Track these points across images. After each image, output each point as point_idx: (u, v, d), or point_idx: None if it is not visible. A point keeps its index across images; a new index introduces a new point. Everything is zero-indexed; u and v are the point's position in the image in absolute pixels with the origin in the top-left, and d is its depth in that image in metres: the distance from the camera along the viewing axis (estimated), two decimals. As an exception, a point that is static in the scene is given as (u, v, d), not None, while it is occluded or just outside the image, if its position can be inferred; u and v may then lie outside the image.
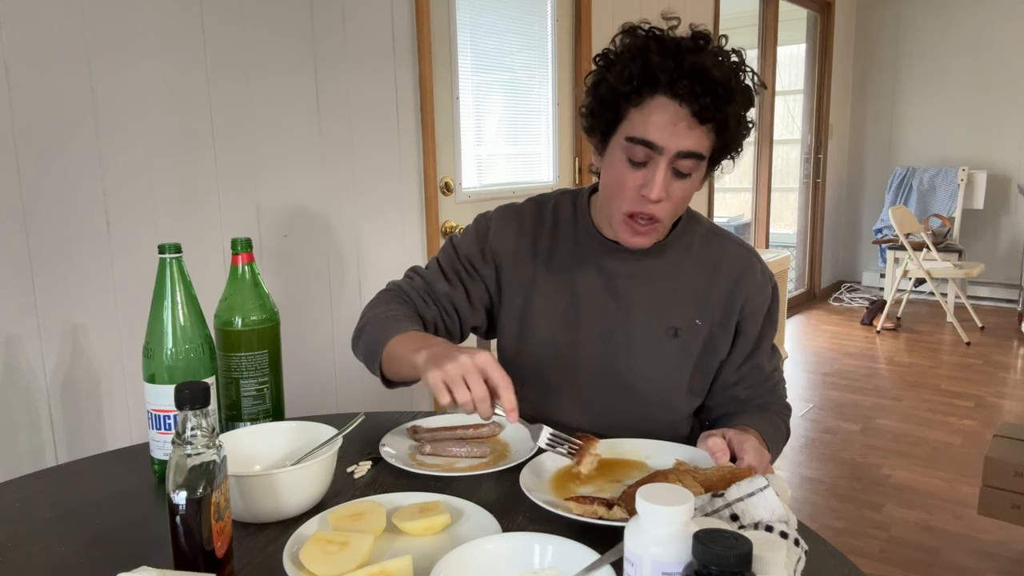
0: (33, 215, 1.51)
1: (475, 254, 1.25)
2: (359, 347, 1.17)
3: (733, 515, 0.74)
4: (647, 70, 1.03)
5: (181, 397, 0.72)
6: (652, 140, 1.04)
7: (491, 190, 2.71)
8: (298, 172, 2.01)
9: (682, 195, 1.09)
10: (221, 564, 0.75)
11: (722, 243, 1.23)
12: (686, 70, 1.01)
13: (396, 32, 2.22)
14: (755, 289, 1.20)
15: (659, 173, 1.05)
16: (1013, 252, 5.52)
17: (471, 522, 0.86)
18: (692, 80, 1.01)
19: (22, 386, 1.52)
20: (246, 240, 1.11)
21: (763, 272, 1.22)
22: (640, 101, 1.05)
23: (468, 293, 1.24)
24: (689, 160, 1.06)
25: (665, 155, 1.05)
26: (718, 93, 1.02)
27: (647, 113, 1.05)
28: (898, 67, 5.86)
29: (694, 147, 1.05)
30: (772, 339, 1.25)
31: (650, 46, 1.04)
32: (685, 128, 1.03)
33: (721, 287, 1.19)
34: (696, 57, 1.02)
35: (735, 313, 1.19)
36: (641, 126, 1.05)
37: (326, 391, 2.14)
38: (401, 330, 1.08)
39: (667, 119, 1.03)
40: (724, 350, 1.21)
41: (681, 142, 1.04)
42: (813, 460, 3.03)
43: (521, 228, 1.25)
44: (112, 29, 1.60)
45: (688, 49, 1.03)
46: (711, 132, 1.06)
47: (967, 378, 4.01)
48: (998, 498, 2.21)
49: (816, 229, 5.76)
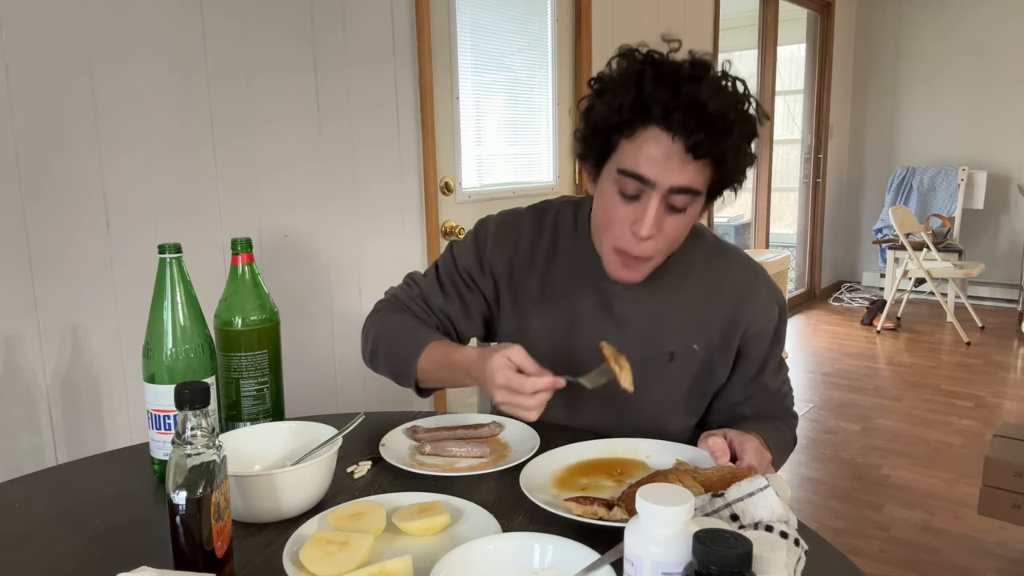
0: (33, 215, 1.51)
1: (473, 266, 1.22)
2: (380, 363, 1.21)
3: (733, 515, 0.74)
4: (639, 100, 0.97)
5: (181, 397, 0.72)
6: (643, 174, 0.99)
7: (491, 190, 2.71)
8: (298, 172, 2.01)
9: (676, 231, 1.04)
10: (221, 564, 0.75)
11: (725, 264, 1.18)
12: (680, 102, 0.94)
13: (396, 32, 2.22)
14: (759, 313, 1.15)
15: (650, 209, 1.00)
16: (1013, 252, 5.52)
17: (471, 522, 0.86)
18: (686, 113, 0.94)
19: (22, 386, 1.52)
20: (246, 240, 1.11)
21: (768, 293, 1.17)
22: (632, 132, 0.99)
23: (465, 306, 1.23)
24: (684, 196, 1.00)
25: (657, 190, 0.99)
26: (715, 126, 0.95)
27: (639, 145, 0.99)
28: (898, 67, 5.86)
29: (689, 183, 0.99)
30: (779, 357, 1.21)
31: (645, 73, 0.98)
32: (679, 163, 0.97)
33: (721, 312, 1.15)
34: (693, 87, 0.95)
35: (736, 338, 1.15)
36: (632, 159, 0.99)
37: (326, 391, 2.14)
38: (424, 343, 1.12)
39: (660, 152, 0.97)
40: (723, 374, 1.18)
41: (674, 177, 0.98)
42: (813, 460, 3.03)
43: (519, 240, 1.21)
44: (112, 30, 1.60)
45: (685, 78, 0.96)
46: (708, 166, 1.00)
47: (967, 378, 4.01)
48: (998, 498, 2.21)
49: (816, 229, 5.76)
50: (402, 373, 1.16)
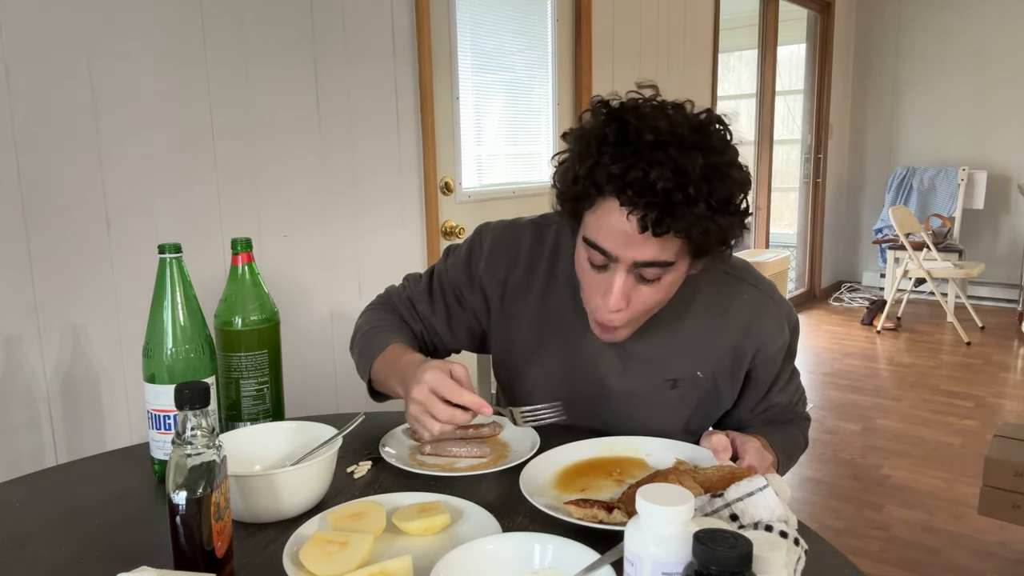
0: (33, 215, 1.51)
1: (463, 281, 1.19)
2: (353, 356, 1.21)
3: (733, 515, 0.74)
4: (594, 173, 0.90)
5: (181, 397, 0.72)
6: (605, 248, 0.93)
7: (491, 190, 2.71)
8: (298, 171, 2.01)
9: (651, 301, 0.98)
10: (221, 564, 0.75)
11: (732, 288, 1.11)
12: (631, 181, 0.86)
13: (396, 32, 2.22)
14: (768, 337, 1.11)
15: (616, 283, 0.94)
16: (1013, 252, 5.52)
17: (471, 522, 0.86)
18: (638, 193, 0.86)
19: (22, 386, 1.52)
20: (246, 240, 1.11)
21: (779, 315, 1.12)
22: (592, 203, 0.93)
23: (449, 318, 1.21)
24: (653, 268, 0.93)
25: (622, 263, 0.93)
26: (673, 202, 0.86)
27: (600, 216, 0.92)
28: (898, 67, 5.86)
29: (654, 256, 0.92)
30: (789, 372, 1.19)
31: (606, 138, 0.90)
32: (640, 238, 0.90)
33: (728, 338, 1.10)
34: (650, 157, 0.86)
35: (744, 364, 1.12)
36: (595, 230, 0.94)
37: (326, 391, 2.14)
38: (383, 345, 1.12)
39: (619, 227, 0.90)
40: (730, 400, 1.15)
41: (636, 252, 0.91)
42: (813, 460, 3.03)
43: (516, 259, 1.16)
44: (112, 30, 1.60)
45: (645, 145, 0.87)
46: (675, 238, 0.90)
47: (967, 378, 4.01)
48: (998, 498, 2.21)
49: (816, 229, 5.76)
50: (362, 370, 1.16)
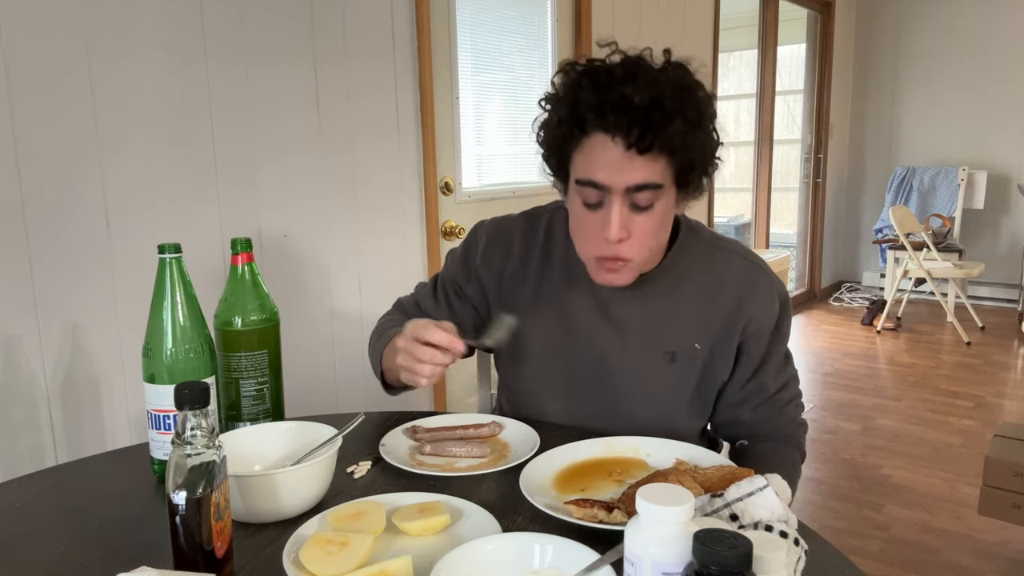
0: (33, 215, 1.51)
1: (461, 276, 1.25)
2: (370, 360, 1.28)
3: (733, 515, 0.74)
4: (576, 111, 0.99)
5: (181, 397, 0.72)
6: (597, 180, 1.00)
7: (491, 190, 2.71)
8: (298, 171, 2.01)
9: (649, 229, 1.03)
10: (221, 564, 0.75)
11: (724, 258, 1.16)
12: (612, 103, 0.95)
13: (396, 32, 2.22)
14: (760, 308, 1.13)
15: (614, 212, 1.00)
16: (1013, 252, 5.52)
17: (471, 522, 0.86)
18: (618, 112, 0.95)
19: (22, 386, 1.52)
20: (246, 240, 1.11)
21: (770, 287, 1.15)
22: (578, 143, 1.01)
23: (453, 315, 1.25)
24: (645, 192, 0.99)
25: (615, 192, 0.99)
26: (651, 119, 0.95)
27: (587, 153, 1.00)
28: (898, 67, 5.86)
29: (644, 179, 0.98)
30: (781, 355, 1.19)
31: (582, 83, 0.99)
32: (627, 162, 0.97)
33: (722, 306, 1.13)
34: (624, 86, 0.96)
35: (736, 335, 1.14)
36: (585, 168, 1.01)
37: (326, 391, 2.14)
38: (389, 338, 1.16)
39: (607, 156, 0.98)
40: (725, 372, 1.16)
41: (627, 177, 0.98)
42: (813, 460, 3.02)
43: (510, 249, 1.21)
44: (112, 30, 1.60)
45: (617, 79, 0.97)
46: (660, 158, 0.98)
47: (967, 378, 4.01)
48: (998, 498, 2.21)
49: (816, 229, 5.76)
50: (375, 366, 1.24)
